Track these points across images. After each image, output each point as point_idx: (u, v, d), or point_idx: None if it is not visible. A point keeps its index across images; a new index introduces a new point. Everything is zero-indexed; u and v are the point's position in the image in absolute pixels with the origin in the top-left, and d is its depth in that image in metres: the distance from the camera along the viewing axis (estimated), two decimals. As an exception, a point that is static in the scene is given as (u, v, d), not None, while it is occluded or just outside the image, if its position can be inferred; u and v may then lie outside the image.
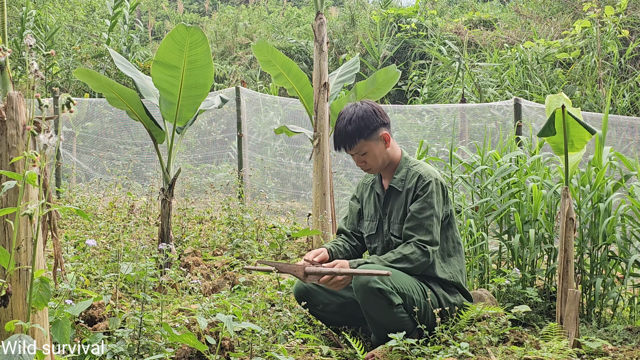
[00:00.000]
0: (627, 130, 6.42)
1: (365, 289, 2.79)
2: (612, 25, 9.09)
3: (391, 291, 2.80)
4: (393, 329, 2.82)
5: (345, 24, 14.21)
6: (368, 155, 3.04)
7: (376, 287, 2.77)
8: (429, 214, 2.95)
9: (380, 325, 2.88)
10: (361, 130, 3.00)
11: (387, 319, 2.84)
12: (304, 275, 2.96)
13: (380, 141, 3.04)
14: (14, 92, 1.93)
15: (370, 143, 3.02)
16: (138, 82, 4.44)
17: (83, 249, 4.08)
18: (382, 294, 2.79)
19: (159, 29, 20.74)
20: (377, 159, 3.05)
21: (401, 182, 3.07)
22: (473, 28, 12.99)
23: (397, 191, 3.08)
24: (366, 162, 3.07)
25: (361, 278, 2.82)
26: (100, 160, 9.09)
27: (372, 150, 3.03)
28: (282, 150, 8.89)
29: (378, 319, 2.86)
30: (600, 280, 3.51)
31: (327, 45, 5.39)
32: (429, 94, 10.50)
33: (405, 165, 3.09)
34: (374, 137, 3.03)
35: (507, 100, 7.10)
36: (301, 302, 3.17)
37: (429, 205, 2.96)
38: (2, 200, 1.90)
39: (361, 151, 3.04)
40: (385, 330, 2.84)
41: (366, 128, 3.00)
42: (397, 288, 2.84)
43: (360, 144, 3.02)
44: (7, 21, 10.79)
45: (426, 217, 2.95)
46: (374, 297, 2.79)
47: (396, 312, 2.84)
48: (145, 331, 2.62)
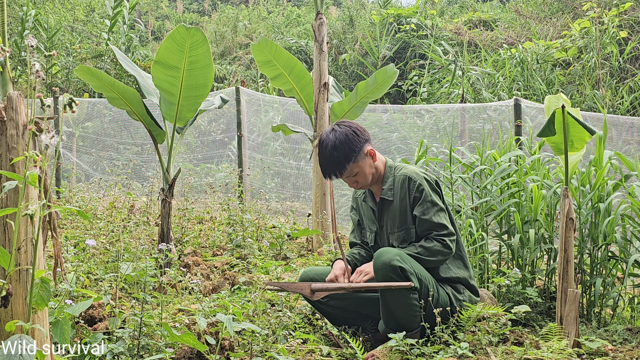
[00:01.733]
0: (627, 131, 6.42)
1: (387, 267, 2.81)
2: (611, 25, 9.09)
3: (412, 272, 2.84)
4: (404, 317, 2.85)
5: (344, 24, 14.21)
6: (359, 175, 3.06)
7: (398, 265, 2.80)
8: (435, 210, 3.00)
9: (392, 312, 2.89)
10: (348, 155, 2.99)
11: (401, 305, 2.85)
12: (311, 292, 3.00)
13: (367, 158, 3.05)
14: (14, 92, 1.93)
15: (360, 163, 3.03)
16: (140, 81, 4.44)
17: (83, 249, 4.08)
18: (403, 273, 2.81)
19: (159, 29, 20.74)
20: (367, 176, 3.07)
21: (390, 191, 3.09)
22: (473, 28, 12.99)
23: (388, 201, 3.10)
24: (358, 181, 3.08)
25: (384, 257, 2.84)
26: (100, 160, 9.09)
27: (363, 170, 3.05)
28: (282, 150, 8.89)
29: (392, 302, 2.87)
30: (600, 280, 3.51)
31: (327, 45, 5.40)
32: (428, 93, 10.50)
33: (391, 173, 3.11)
34: (361, 156, 3.03)
35: (507, 100, 7.10)
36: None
37: (431, 204, 3.01)
38: (2, 200, 1.90)
39: (352, 173, 3.04)
40: (395, 319, 2.87)
41: (352, 151, 2.99)
42: (416, 273, 2.87)
43: (350, 168, 3.02)
44: (7, 21, 10.79)
45: (434, 214, 3.00)
46: (393, 276, 2.81)
47: (412, 298, 2.85)
48: (145, 331, 2.62)
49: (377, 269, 2.85)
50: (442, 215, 3.01)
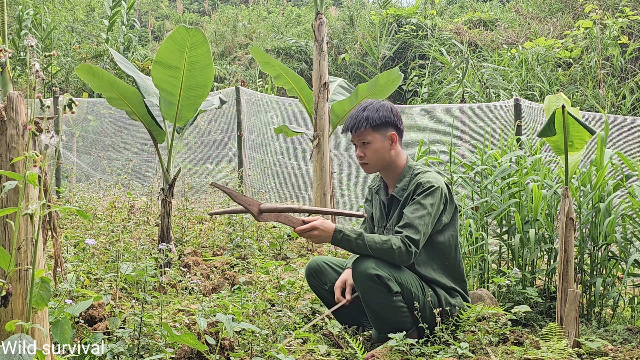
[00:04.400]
0: (629, 130, 6.42)
1: (363, 276, 2.81)
2: (613, 27, 9.08)
3: (389, 278, 2.82)
4: (393, 321, 2.84)
5: (344, 25, 14.21)
6: (369, 147, 3.04)
7: (374, 273, 2.79)
8: (421, 214, 2.90)
9: (380, 317, 2.88)
10: (371, 118, 3.02)
11: (386, 308, 2.85)
12: (258, 212, 2.81)
13: (386, 139, 3.04)
14: (14, 92, 1.92)
15: (376, 135, 3.02)
16: (139, 82, 4.45)
17: (83, 249, 4.08)
18: (380, 280, 2.80)
19: (159, 29, 20.74)
20: (376, 154, 3.04)
21: (402, 191, 3.04)
22: (473, 28, 12.99)
23: (397, 200, 3.08)
24: (365, 154, 3.05)
25: (360, 267, 2.83)
26: (100, 160, 9.09)
27: (375, 143, 3.03)
28: (282, 150, 8.90)
29: (377, 308, 2.86)
30: (600, 280, 3.51)
31: (327, 45, 5.40)
32: (429, 93, 10.50)
33: (409, 173, 3.06)
34: (381, 131, 3.03)
35: (507, 100, 7.10)
36: (310, 279, 3.19)
37: (422, 206, 2.92)
38: (2, 200, 1.90)
39: (365, 139, 3.03)
40: (385, 323, 2.85)
41: (377, 119, 3.02)
42: (395, 277, 2.85)
43: (366, 132, 3.02)
44: (7, 21, 10.76)
45: (418, 216, 2.90)
46: (372, 284, 2.81)
47: (395, 301, 2.84)
48: (145, 331, 2.62)
49: (356, 278, 2.86)
50: (425, 221, 2.89)
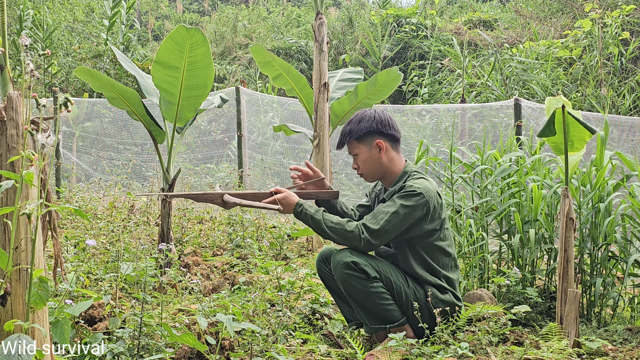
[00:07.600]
0: (629, 130, 6.42)
1: (340, 266, 2.83)
2: (614, 25, 9.08)
3: (365, 264, 2.84)
4: (380, 310, 2.84)
5: (344, 25, 14.20)
6: (358, 158, 3.08)
7: (350, 260, 2.81)
8: (388, 210, 2.86)
9: (365, 307, 2.87)
10: (353, 131, 3.04)
11: (368, 296, 2.84)
12: (222, 202, 2.87)
13: (373, 148, 3.03)
14: (14, 92, 1.92)
15: (361, 146, 3.04)
16: (140, 81, 4.45)
17: (83, 249, 4.08)
18: (357, 266, 2.82)
19: (159, 29, 20.74)
20: (366, 164, 3.05)
21: (391, 194, 3.01)
22: (473, 28, 12.99)
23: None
24: (358, 166, 3.10)
25: (337, 257, 2.85)
26: (100, 160, 9.09)
27: (362, 155, 3.05)
28: (282, 150, 8.90)
29: (360, 299, 2.86)
30: (600, 280, 3.50)
31: (327, 45, 5.40)
32: (429, 93, 10.50)
33: (403, 179, 3.03)
34: (366, 141, 3.03)
35: (507, 100, 7.10)
36: (320, 265, 3.14)
37: (393, 204, 2.88)
38: (1, 200, 1.90)
39: (353, 152, 3.09)
40: (371, 313, 2.86)
41: (359, 130, 3.03)
42: (372, 265, 2.87)
43: (352, 145, 3.07)
44: (7, 21, 10.76)
45: (384, 211, 2.87)
46: (349, 272, 2.82)
47: (375, 286, 2.84)
48: (145, 331, 2.62)
49: (334, 269, 2.88)
50: (388, 219, 2.84)
